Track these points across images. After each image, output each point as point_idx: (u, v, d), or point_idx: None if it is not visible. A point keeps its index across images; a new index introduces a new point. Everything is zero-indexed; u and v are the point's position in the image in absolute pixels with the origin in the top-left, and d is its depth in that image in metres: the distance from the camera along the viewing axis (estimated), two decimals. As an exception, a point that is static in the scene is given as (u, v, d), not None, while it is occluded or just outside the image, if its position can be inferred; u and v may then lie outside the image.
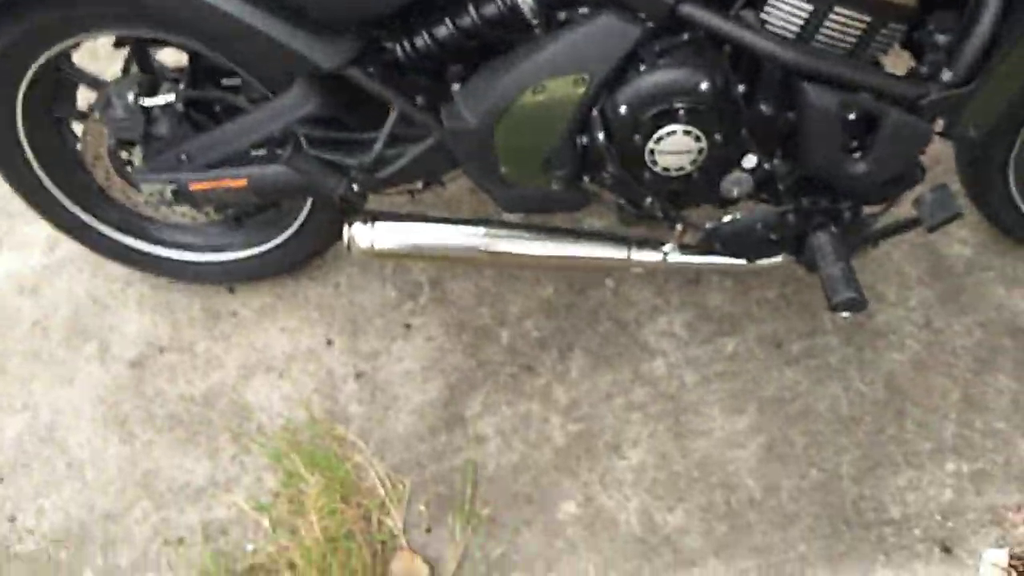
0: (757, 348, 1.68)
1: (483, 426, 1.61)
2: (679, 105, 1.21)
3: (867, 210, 1.36)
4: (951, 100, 1.19)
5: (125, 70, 1.50)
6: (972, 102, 1.20)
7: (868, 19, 1.16)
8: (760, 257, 1.42)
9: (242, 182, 1.39)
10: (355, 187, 1.35)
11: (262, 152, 1.40)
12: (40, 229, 1.79)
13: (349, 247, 1.42)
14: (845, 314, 1.25)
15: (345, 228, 1.42)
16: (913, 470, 1.53)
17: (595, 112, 1.26)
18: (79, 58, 1.50)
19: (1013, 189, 1.59)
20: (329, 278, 1.80)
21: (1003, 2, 1.14)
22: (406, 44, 1.26)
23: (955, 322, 1.69)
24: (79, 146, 1.55)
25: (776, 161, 1.34)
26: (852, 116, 1.23)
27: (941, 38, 1.19)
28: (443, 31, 1.24)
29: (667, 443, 1.57)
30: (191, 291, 1.79)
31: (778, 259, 1.42)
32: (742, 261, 1.43)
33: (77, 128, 1.58)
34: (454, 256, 1.45)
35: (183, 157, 1.39)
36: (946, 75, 1.18)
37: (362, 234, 1.41)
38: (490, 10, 1.21)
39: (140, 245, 1.68)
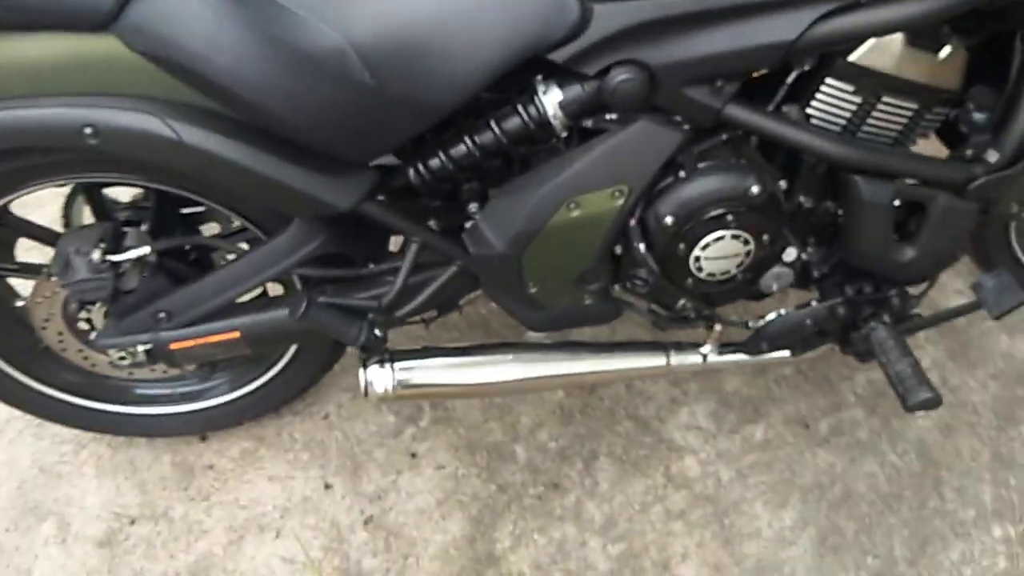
0: (786, 431, 1.61)
1: (517, 561, 1.46)
2: (729, 210, 1.13)
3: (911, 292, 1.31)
4: (999, 182, 1.15)
5: (66, 213, 1.31)
6: (1017, 181, 1.17)
7: (915, 106, 1.12)
8: (806, 351, 1.34)
9: (235, 335, 1.21)
10: (376, 331, 1.19)
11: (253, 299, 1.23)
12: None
13: (366, 392, 1.26)
14: (920, 413, 1.19)
15: (360, 372, 1.25)
16: (963, 541, 1.49)
17: (633, 223, 1.16)
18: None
19: (1015, 243, 1.59)
20: (315, 410, 1.62)
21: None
22: (420, 167, 1.13)
23: (969, 378, 1.67)
24: (19, 304, 1.33)
25: (810, 250, 1.29)
26: (899, 204, 1.18)
27: (979, 116, 1.16)
28: (461, 150, 1.11)
29: (717, 552, 1.47)
30: (155, 445, 1.57)
31: (822, 349, 1.36)
32: (785, 355, 1.35)
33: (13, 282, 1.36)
34: (487, 390, 1.31)
35: (161, 315, 1.20)
36: (992, 156, 1.15)
37: (380, 378, 1.24)
38: (513, 125, 1.09)
39: (100, 406, 1.45)
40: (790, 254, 1.25)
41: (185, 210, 1.34)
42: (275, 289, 1.37)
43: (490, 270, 1.19)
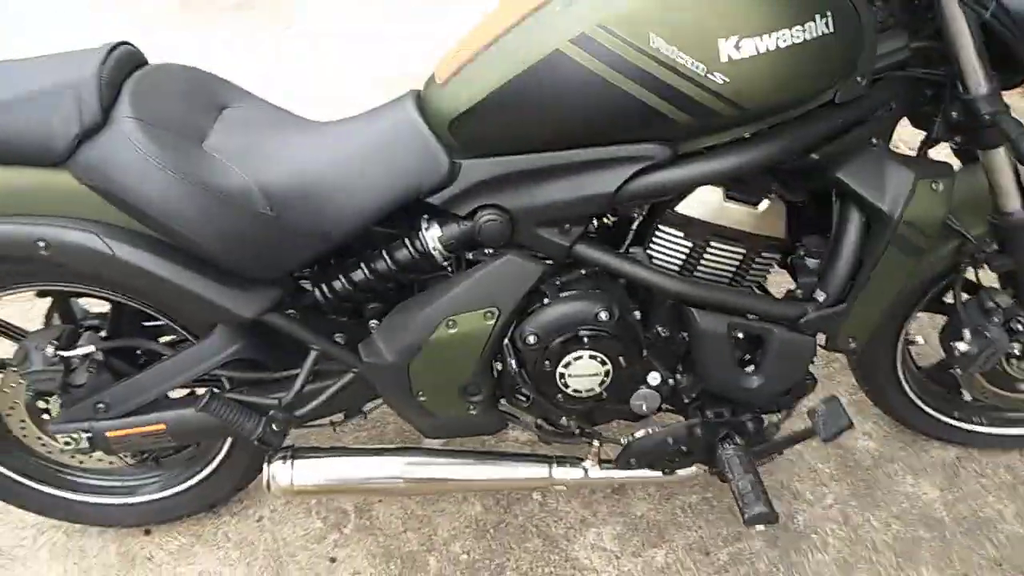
0: (686, 557, 1.68)
1: (414, 664, 1.54)
2: (583, 332, 1.30)
3: (769, 418, 1.44)
4: (827, 318, 1.31)
5: (47, 320, 1.54)
6: (847, 319, 1.32)
7: (743, 251, 1.29)
8: (675, 469, 1.46)
9: (160, 427, 1.40)
10: (274, 427, 1.37)
11: (180, 396, 1.42)
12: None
13: (269, 486, 1.41)
14: (760, 527, 1.28)
15: (265, 466, 1.42)
16: (853, 677, 1.52)
17: (506, 341, 1.34)
18: None
19: (907, 389, 1.71)
20: (251, 512, 1.77)
21: (861, 230, 1.29)
22: (324, 288, 1.34)
23: (872, 516, 1.74)
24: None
25: (678, 376, 1.43)
26: (740, 335, 1.33)
27: (811, 262, 1.33)
28: (359, 275, 1.33)
29: (605, 668, 1.53)
30: (107, 535, 1.73)
31: (692, 470, 1.47)
32: (658, 473, 1.47)
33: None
34: (377, 488, 1.45)
35: (100, 406, 1.40)
36: (820, 296, 1.31)
37: (281, 472, 1.41)
38: (402, 255, 1.31)
39: (54, 491, 1.63)
40: (655, 378, 1.40)
41: (147, 323, 1.57)
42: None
43: (382, 378, 1.37)
